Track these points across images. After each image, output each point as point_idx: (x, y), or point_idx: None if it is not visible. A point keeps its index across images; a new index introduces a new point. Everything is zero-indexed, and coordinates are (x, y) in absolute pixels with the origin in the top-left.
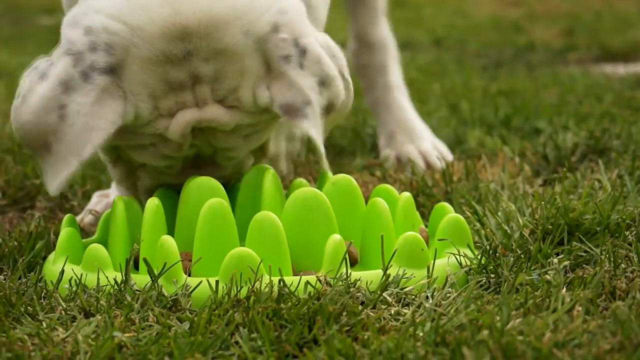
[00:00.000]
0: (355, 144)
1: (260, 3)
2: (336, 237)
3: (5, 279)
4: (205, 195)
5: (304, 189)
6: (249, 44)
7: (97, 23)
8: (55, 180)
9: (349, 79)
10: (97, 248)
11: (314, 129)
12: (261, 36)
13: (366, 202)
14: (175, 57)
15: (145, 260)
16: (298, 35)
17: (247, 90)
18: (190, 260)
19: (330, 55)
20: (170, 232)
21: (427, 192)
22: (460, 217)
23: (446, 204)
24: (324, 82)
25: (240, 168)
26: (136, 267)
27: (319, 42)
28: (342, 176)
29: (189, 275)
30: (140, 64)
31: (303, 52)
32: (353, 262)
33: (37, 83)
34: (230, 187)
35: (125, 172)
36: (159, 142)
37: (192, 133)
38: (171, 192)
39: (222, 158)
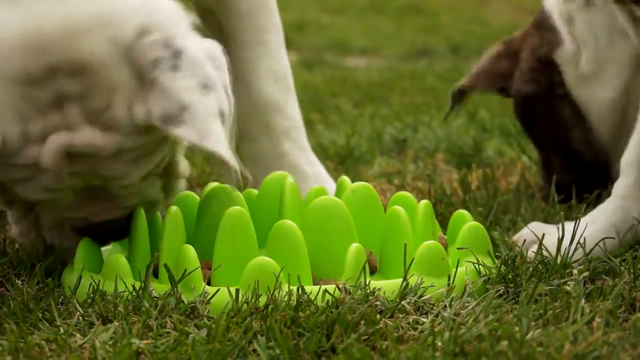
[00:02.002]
0: (373, 152)
1: (125, 6)
2: (357, 245)
3: (23, 284)
4: (225, 203)
5: (323, 198)
6: (116, 54)
7: None
8: None
9: (232, 95)
10: (116, 257)
11: (196, 134)
12: (128, 44)
13: (384, 210)
14: (38, 74)
15: (166, 266)
16: (170, 35)
17: (122, 108)
18: (210, 269)
19: (214, 65)
20: (190, 239)
21: (445, 201)
22: (480, 224)
23: (465, 212)
24: (206, 85)
25: (146, 196)
26: (156, 275)
27: (202, 48)
28: (361, 184)
29: (209, 284)
30: (2, 84)
31: (177, 53)
32: (372, 271)
33: None
34: (249, 195)
35: (22, 211)
36: (37, 174)
37: (70, 160)
38: (190, 200)
39: (115, 187)
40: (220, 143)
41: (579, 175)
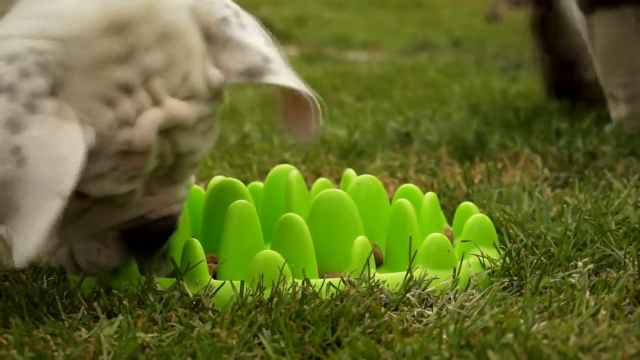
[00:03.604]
0: (375, 145)
1: None
2: (362, 238)
3: (27, 278)
4: (230, 196)
5: (329, 191)
6: (185, 17)
7: (19, 46)
8: (32, 240)
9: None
10: None
11: (291, 80)
12: (193, 6)
13: (390, 202)
14: (120, 55)
15: (172, 260)
16: None
17: (198, 73)
18: (216, 262)
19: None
20: (195, 233)
21: (448, 194)
22: (486, 217)
23: (471, 204)
24: (268, 42)
25: (189, 188)
26: None
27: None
28: (366, 177)
29: (215, 277)
30: (83, 75)
31: (237, 12)
32: (378, 263)
33: None
34: (254, 188)
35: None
36: (122, 162)
37: (158, 139)
38: (196, 193)
39: (183, 167)
40: (303, 86)
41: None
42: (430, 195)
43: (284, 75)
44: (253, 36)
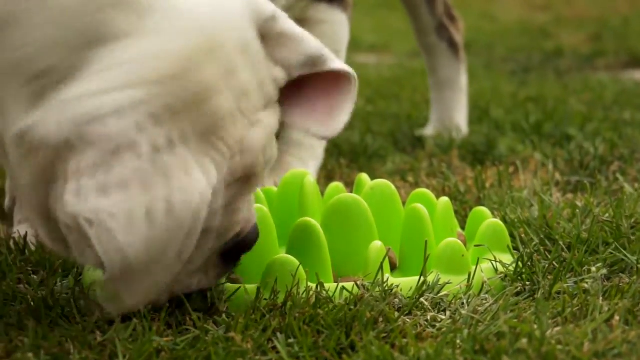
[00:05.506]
0: (387, 149)
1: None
2: (378, 243)
3: (43, 282)
4: None
5: (343, 195)
6: (247, 33)
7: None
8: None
9: None
10: None
11: (344, 65)
12: (247, 18)
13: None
14: (218, 82)
15: None
16: None
17: (268, 79)
18: None
19: None
20: None
21: (459, 199)
22: (499, 222)
23: (484, 209)
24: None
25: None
26: None
27: None
28: (380, 181)
29: (230, 281)
30: (186, 115)
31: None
32: (392, 268)
33: None
34: (269, 193)
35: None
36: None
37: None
38: None
39: (260, 175)
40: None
41: None
42: (444, 200)
43: (336, 60)
44: (298, 27)
